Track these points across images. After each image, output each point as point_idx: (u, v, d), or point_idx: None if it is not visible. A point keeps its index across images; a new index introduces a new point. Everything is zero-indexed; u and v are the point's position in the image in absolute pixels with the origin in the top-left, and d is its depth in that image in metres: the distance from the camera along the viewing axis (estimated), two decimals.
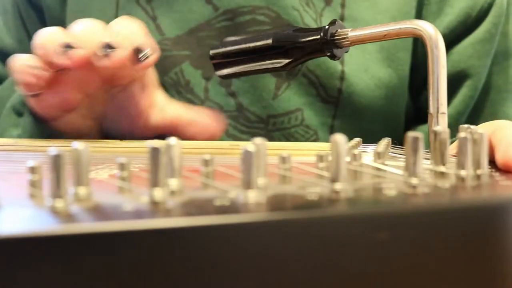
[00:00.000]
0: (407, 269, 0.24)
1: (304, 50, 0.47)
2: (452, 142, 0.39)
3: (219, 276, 0.22)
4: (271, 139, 0.61)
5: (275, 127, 0.61)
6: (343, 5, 0.62)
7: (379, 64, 0.62)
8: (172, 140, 0.27)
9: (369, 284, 0.24)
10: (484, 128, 0.38)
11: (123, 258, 0.22)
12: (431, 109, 0.42)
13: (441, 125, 0.41)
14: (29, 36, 0.66)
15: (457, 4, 0.63)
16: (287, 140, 0.62)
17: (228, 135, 0.62)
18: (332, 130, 0.62)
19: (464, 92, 0.64)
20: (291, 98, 0.61)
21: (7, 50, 0.68)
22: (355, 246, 0.24)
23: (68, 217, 0.23)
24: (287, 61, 0.48)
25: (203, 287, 0.22)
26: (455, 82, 0.63)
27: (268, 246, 0.23)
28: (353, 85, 0.61)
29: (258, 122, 0.61)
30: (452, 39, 0.64)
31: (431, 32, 0.41)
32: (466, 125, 0.37)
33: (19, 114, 0.57)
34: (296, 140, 0.62)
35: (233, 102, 0.61)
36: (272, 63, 0.48)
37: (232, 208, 0.24)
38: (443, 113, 0.42)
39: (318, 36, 0.45)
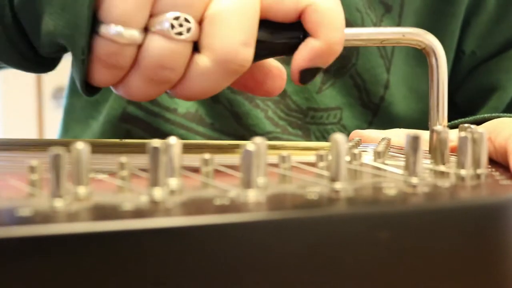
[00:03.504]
0: (407, 268, 0.24)
1: (278, 47, 0.39)
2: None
3: (219, 276, 0.22)
4: (307, 132, 0.61)
5: (313, 120, 0.62)
6: (400, 16, 0.63)
7: (419, 78, 0.64)
8: (172, 140, 0.27)
9: (369, 283, 0.24)
10: (488, 127, 0.38)
11: (123, 257, 0.22)
12: (432, 122, 0.40)
13: None
14: None
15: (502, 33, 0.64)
16: (322, 135, 0.62)
17: (267, 118, 0.61)
18: None
19: (490, 104, 0.65)
20: (334, 96, 0.62)
21: None
22: (355, 246, 0.24)
23: (68, 217, 0.23)
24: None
25: (203, 286, 0.22)
26: (483, 94, 0.64)
27: (268, 245, 0.23)
28: (394, 95, 0.62)
29: (297, 111, 0.62)
30: (485, 59, 0.65)
31: (436, 45, 0.40)
32: (466, 125, 0.37)
33: None
34: None
35: None
36: None
37: (232, 207, 0.24)
38: (444, 126, 0.41)
39: (301, 35, 0.38)
